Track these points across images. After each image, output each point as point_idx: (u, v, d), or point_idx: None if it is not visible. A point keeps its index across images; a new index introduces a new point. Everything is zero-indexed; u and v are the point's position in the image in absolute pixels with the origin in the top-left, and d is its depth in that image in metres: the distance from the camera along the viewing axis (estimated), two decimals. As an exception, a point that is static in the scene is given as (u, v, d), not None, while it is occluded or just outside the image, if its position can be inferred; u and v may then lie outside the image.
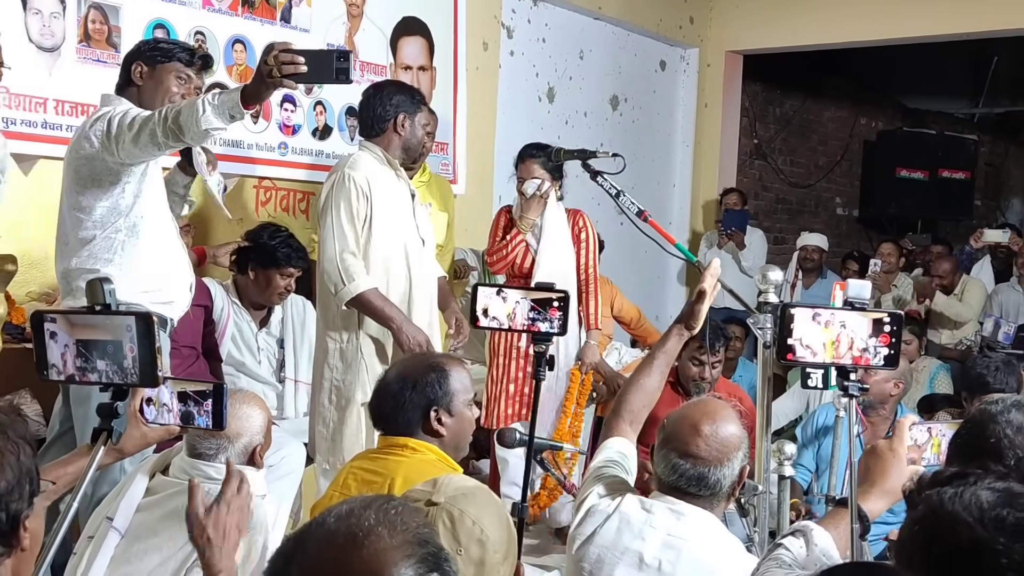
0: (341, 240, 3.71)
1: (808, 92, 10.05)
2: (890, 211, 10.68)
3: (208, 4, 4.60)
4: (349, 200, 3.71)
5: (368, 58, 5.40)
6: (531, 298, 2.77)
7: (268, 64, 2.78)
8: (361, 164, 3.79)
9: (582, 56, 7.21)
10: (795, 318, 1.94)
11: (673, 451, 2.26)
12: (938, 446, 2.19)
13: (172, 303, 3.34)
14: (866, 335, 1.93)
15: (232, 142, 4.77)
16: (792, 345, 1.94)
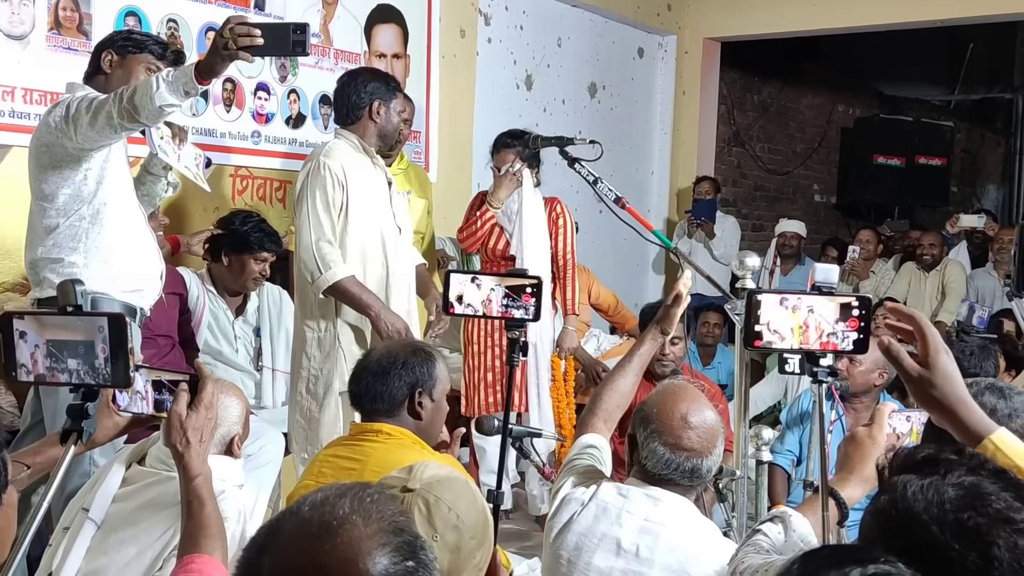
0: (317, 228, 3.69)
1: (786, 79, 10.07)
2: (867, 198, 10.73)
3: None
4: (325, 188, 3.70)
5: (342, 46, 5.37)
6: (505, 284, 2.76)
7: (224, 36, 2.76)
8: (336, 152, 3.78)
9: (560, 43, 7.19)
10: (762, 304, 1.93)
11: (665, 445, 2.26)
12: (917, 435, 2.19)
13: (141, 291, 3.32)
14: (833, 319, 1.91)
15: (205, 130, 4.74)
16: (759, 331, 1.93)
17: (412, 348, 2.65)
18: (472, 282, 2.78)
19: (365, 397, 2.60)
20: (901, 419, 2.21)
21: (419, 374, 2.60)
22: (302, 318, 3.86)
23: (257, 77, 4.94)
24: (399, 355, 2.61)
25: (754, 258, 3.17)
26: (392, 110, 3.91)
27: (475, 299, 2.78)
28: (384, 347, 2.70)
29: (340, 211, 3.73)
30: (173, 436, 2.03)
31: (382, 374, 2.58)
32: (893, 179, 10.53)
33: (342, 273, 3.68)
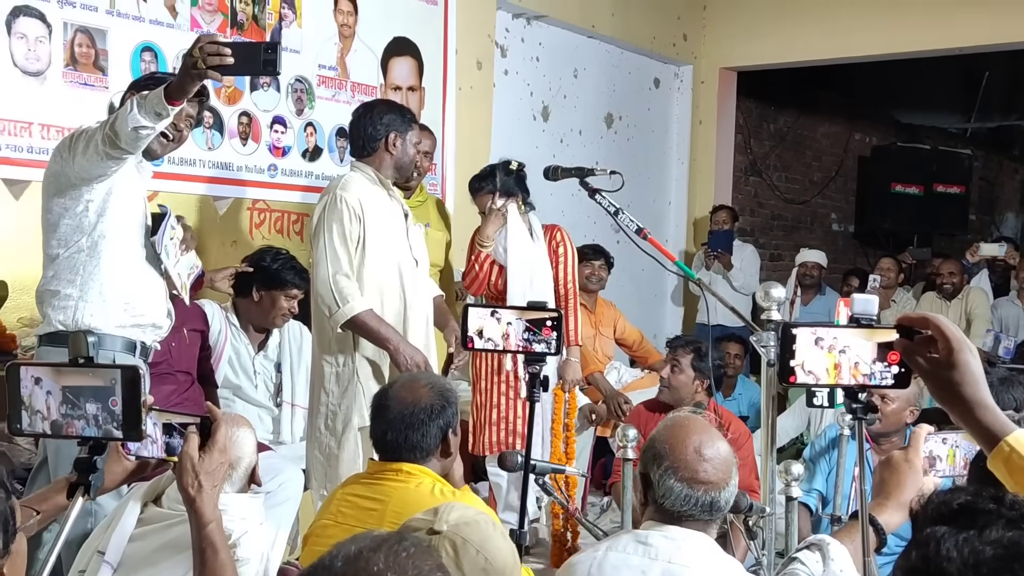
0: (334, 262, 3.67)
1: (802, 108, 10.05)
2: (886, 226, 10.68)
3: (196, 26, 4.56)
4: (341, 222, 3.68)
5: (359, 79, 5.36)
6: (526, 318, 2.73)
7: (193, 56, 2.72)
8: (353, 185, 3.76)
9: (576, 74, 7.18)
10: (797, 339, 1.85)
11: (681, 481, 2.19)
12: (952, 456, 2.13)
13: (141, 327, 3.26)
14: (871, 359, 1.83)
15: (222, 164, 4.73)
16: (794, 368, 1.86)
17: (436, 391, 2.61)
18: (492, 316, 2.74)
19: (403, 448, 2.56)
20: (937, 442, 2.15)
21: (448, 416, 2.58)
22: (320, 352, 3.82)
23: (274, 110, 4.93)
24: (428, 402, 2.57)
25: (779, 289, 3.11)
26: (408, 141, 3.89)
27: (495, 333, 2.74)
28: (401, 393, 2.63)
29: (357, 244, 3.71)
30: (185, 480, 1.99)
31: (417, 425, 2.55)
32: (911, 207, 10.48)
33: (360, 307, 3.64)
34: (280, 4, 4.92)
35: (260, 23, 4.83)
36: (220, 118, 4.71)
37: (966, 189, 10.88)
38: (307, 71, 5.09)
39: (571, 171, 3.96)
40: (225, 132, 4.74)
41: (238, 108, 4.79)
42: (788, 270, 8.15)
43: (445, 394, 2.61)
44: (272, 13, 4.89)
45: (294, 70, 5.01)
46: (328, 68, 5.19)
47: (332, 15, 5.23)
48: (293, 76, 5.02)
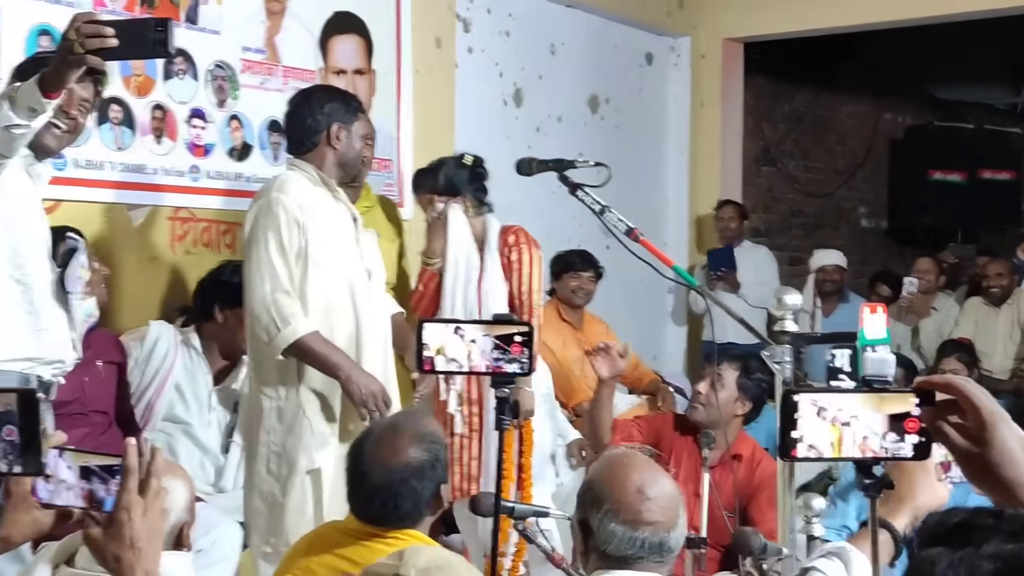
0: (272, 278, 3.70)
1: (822, 84, 10.15)
2: (924, 221, 10.76)
3: (100, 4, 4.60)
4: (279, 230, 3.72)
5: (293, 63, 5.41)
6: (493, 334, 2.77)
7: (70, 39, 2.70)
8: (290, 186, 3.80)
9: (554, 51, 7.25)
10: (799, 407, 1.88)
11: (624, 524, 2.31)
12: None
13: (38, 362, 3.27)
14: (881, 432, 1.87)
15: (134, 166, 4.76)
16: (796, 441, 1.90)
17: (423, 443, 2.65)
18: (455, 332, 2.79)
19: (391, 517, 2.61)
20: None
21: (440, 471, 2.63)
22: (258, 385, 3.85)
23: (191, 102, 4.98)
24: (416, 461, 2.62)
25: (795, 295, 3.18)
26: (354, 134, 3.94)
27: (458, 352, 2.79)
28: (385, 449, 2.66)
29: (298, 256, 3.74)
30: (120, 537, 1.98)
31: (407, 493, 2.61)
32: (953, 198, 10.58)
33: (304, 329, 3.68)
34: (196, -24, 4.97)
35: (173, 0, 4.88)
36: (130, 112, 4.75)
37: (1017, 175, 10.97)
38: (229, 55, 5.14)
39: (548, 164, 4.01)
40: (137, 128, 4.77)
41: (150, 100, 4.83)
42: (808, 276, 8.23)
43: (433, 445, 2.66)
44: (187, -13, 4.94)
45: (213, 54, 5.07)
46: (254, 51, 5.25)
47: (258, -12, 5.27)
48: (212, 61, 5.07)
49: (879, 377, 1.93)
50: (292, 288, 3.73)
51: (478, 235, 4.61)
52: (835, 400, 1.89)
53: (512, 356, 2.79)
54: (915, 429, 1.86)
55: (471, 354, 2.79)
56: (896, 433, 1.87)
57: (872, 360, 1.97)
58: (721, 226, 7.88)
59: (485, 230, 4.62)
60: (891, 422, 1.87)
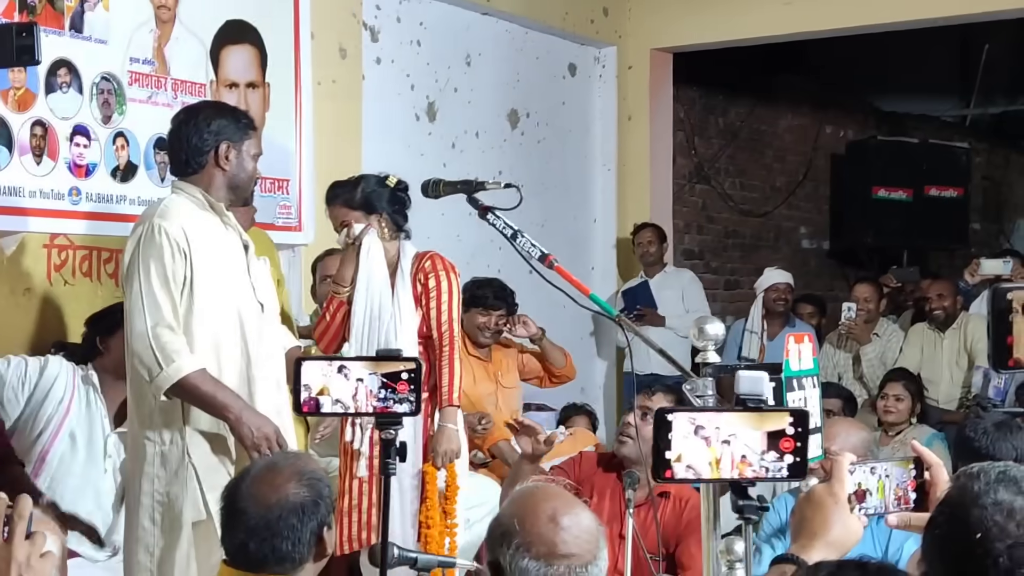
0: (153, 311, 3.66)
1: (758, 97, 10.27)
2: (867, 241, 10.92)
3: (-31, 9, 4.55)
4: (161, 259, 3.69)
5: (182, 75, 5.37)
6: (380, 372, 2.77)
7: None
8: (174, 211, 3.77)
9: (469, 62, 7.28)
10: (674, 427, 1.98)
11: (537, 558, 2.29)
12: (883, 489, 2.27)
13: None
14: (760, 450, 1.98)
15: (9, 189, 4.68)
16: (670, 461, 2.01)
17: (304, 481, 2.64)
18: (339, 372, 2.78)
19: (269, 561, 2.59)
20: (865, 472, 2.27)
21: (322, 513, 2.61)
22: (140, 427, 3.81)
23: (73, 118, 4.91)
24: (296, 500, 2.61)
25: (716, 325, 3.19)
26: (245, 153, 3.92)
27: (344, 392, 2.78)
28: (263, 486, 2.65)
29: (183, 287, 3.71)
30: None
31: (286, 532, 2.59)
32: (898, 216, 10.74)
33: (189, 367, 3.64)
34: (81, -19, 4.93)
35: (57, 6, 4.82)
36: (8, 128, 4.67)
37: (965, 192, 11.17)
38: (115, 67, 5.09)
39: (456, 185, 4.01)
40: (14, 147, 4.70)
41: (30, 116, 4.76)
42: (748, 299, 8.31)
43: (315, 484, 2.65)
44: (72, -8, 4.90)
45: (100, 66, 5.01)
46: (143, 62, 5.20)
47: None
48: (98, 74, 5.01)
49: (753, 396, 2.03)
50: (176, 322, 3.70)
51: (391, 261, 4.59)
52: (713, 419, 2.00)
53: (400, 395, 2.79)
54: (790, 449, 1.99)
55: (357, 394, 2.78)
56: (775, 452, 2.00)
57: (745, 379, 2.06)
58: (640, 251, 7.96)
59: (399, 255, 4.60)
60: (769, 440, 1.98)
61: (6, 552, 1.90)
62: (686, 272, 8.20)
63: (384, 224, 4.56)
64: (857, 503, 2.23)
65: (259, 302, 3.90)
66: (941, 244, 11.27)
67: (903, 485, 2.28)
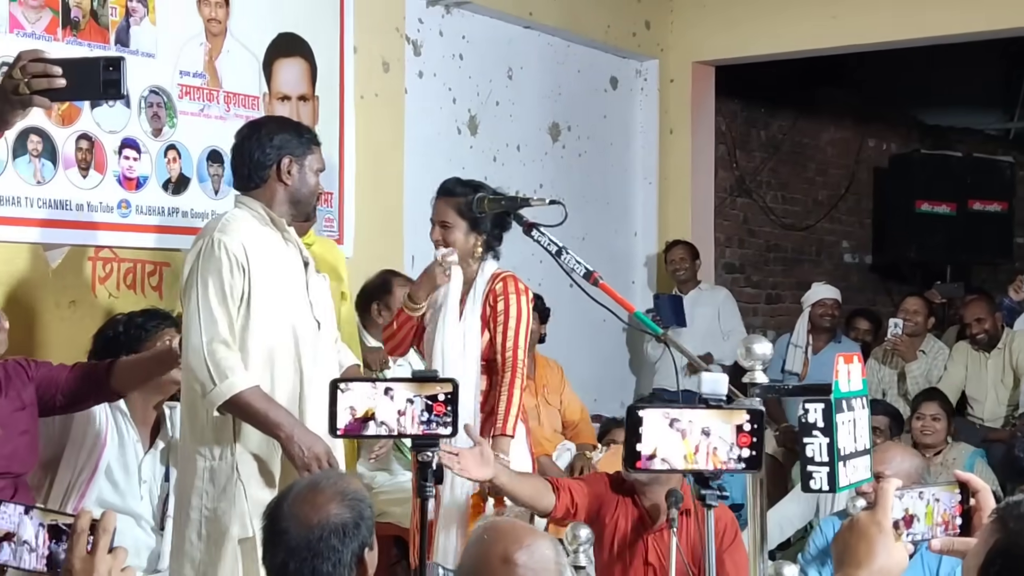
0: (210, 326, 3.69)
1: (800, 110, 10.26)
2: (910, 256, 10.87)
3: (17, 27, 4.58)
4: (220, 273, 3.71)
5: (234, 87, 5.41)
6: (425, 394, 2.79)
7: (14, 78, 2.71)
8: (235, 226, 3.79)
9: (511, 75, 7.30)
10: (644, 422, 2.18)
11: None
12: (930, 515, 2.27)
13: None
14: (732, 440, 2.21)
15: (56, 203, 4.73)
16: (640, 452, 2.18)
17: (345, 502, 2.66)
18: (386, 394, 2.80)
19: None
20: (913, 497, 2.27)
21: (363, 534, 2.62)
22: (191, 442, 3.84)
23: (122, 131, 4.96)
24: (337, 520, 2.62)
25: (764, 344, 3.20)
26: (308, 168, 3.94)
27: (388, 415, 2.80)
28: (305, 506, 2.67)
29: (241, 302, 3.74)
30: None
31: (327, 553, 2.60)
32: (942, 231, 10.69)
33: (242, 383, 3.66)
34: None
35: (101, 21, 4.87)
36: (52, 143, 4.72)
37: (1009, 206, 11.10)
38: (165, 80, 5.13)
39: (500, 202, 4.05)
40: (59, 161, 4.75)
41: (75, 130, 4.81)
42: (790, 314, 8.30)
43: (357, 505, 2.65)
44: (116, 8, 4.93)
45: (148, 79, 5.05)
46: (193, 75, 5.25)
47: (196, 8, 5.29)
48: (147, 87, 5.05)
49: (714, 396, 2.26)
50: (232, 338, 3.72)
51: (469, 278, 4.51)
52: (687, 413, 2.21)
53: (439, 417, 2.81)
54: (747, 443, 2.22)
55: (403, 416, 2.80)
56: (736, 440, 2.24)
57: (707, 380, 2.31)
58: (672, 268, 7.96)
59: (477, 274, 4.50)
60: (738, 432, 2.22)
61: (89, 565, 1.97)
62: (721, 290, 8.21)
63: (479, 245, 4.47)
64: (905, 529, 2.24)
65: (316, 320, 3.92)
66: (985, 259, 11.21)
67: (950, 510, 2.29)
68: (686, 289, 7.92)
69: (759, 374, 3.21)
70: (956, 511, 2.19)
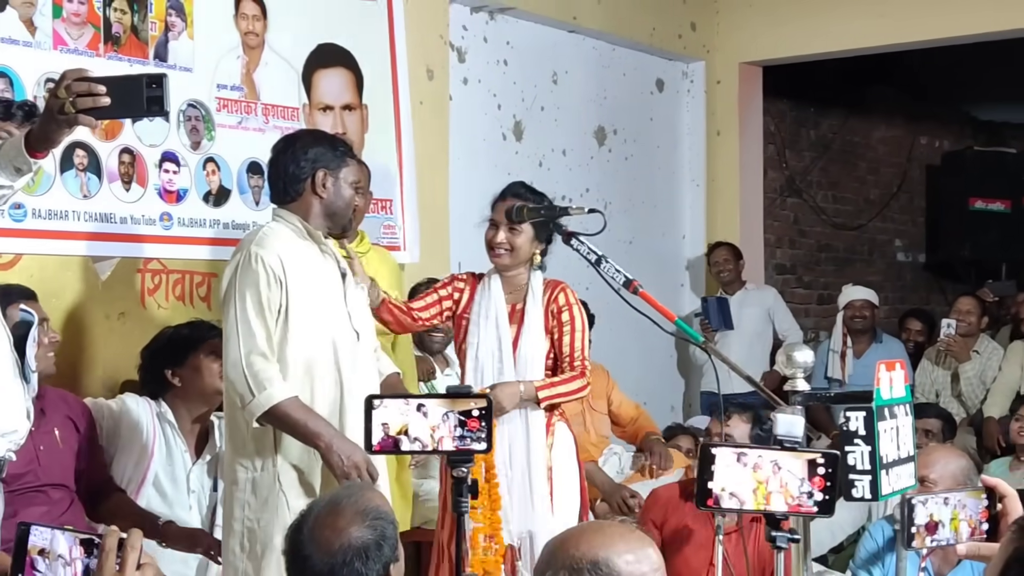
0: (247, 339, 3.72)
1: (851, 108, 10.19)
2: (964, 254, 10.76)
3: (61, 43, 4.63)
4: (257, 286, 3.74)
5: (273, 99, 5.44)
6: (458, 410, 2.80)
7: (59, 97, 2.78)
8: (272, 239, 3.82)
9: (556, 80, 7.29)
10: (716, 460, 2.20)
11: None
12: (956, 520, 2.30)
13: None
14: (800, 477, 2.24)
15: (101, 215, 4.78)
16: (712, 491, 2.22)
17: (367, 521, 2.65)
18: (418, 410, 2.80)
19: None
20: (937, 503, 2.36)
21: (386, 553, 2.62)
22: (233, 454, 3.86)
23: (162, 145, 5.00)
24: (359, 542, 2.61)
25: (805, 352, 3.18)
26: (342, 180, 3.95)
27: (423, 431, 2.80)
28: (326, 530, 2.66)
29: (278, 315, 3.76)
30: None
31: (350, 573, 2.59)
32: (996, 228, 10.57)
33: (280, 394, 3.68)
34: (166, 11, 5.00)
35: (141, 36, 4.92)
36: (96, 157, 4.77)
37: (1065, 202, 10.98)
38: (203, 94, 5.17)
39: (539, 211, 4.05)
40: (103, 175, 4.80)
41: (117, 144, 4.85)
42: (839, 315, 8.22)
43: (378, 524, 2.63)
44: (156, 23, 4.98)
45: (186, 93, 5.09)
46: (231, 88, 5.28)
47: (233, 21, 5.32)
48: (185, 101, 5.09)
49: (790, 438, 2.26)
50: (270, 350, 3.74)
51: (519, 286, 4.52)
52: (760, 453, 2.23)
53: (473, 432, 2.81)
54: (821, 487, 2.24)
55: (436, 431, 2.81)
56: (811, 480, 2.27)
57: (782, 421, 2.32)
58: (716, 270, 7.95)
59: (528, 283, 4.51)
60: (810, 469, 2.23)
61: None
62: (769, 290, 8.19)
63: (538, 253, 4.49)
64: (928, 535, 2.25)
65: (355, 330, 3.93)
66: (1041, 256, 11.07)
67: (975, 516, 2.30)
68: (732, 290, 7.89)
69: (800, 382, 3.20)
70: (982, 516, 2.23)
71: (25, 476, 3.78)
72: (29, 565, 2.07)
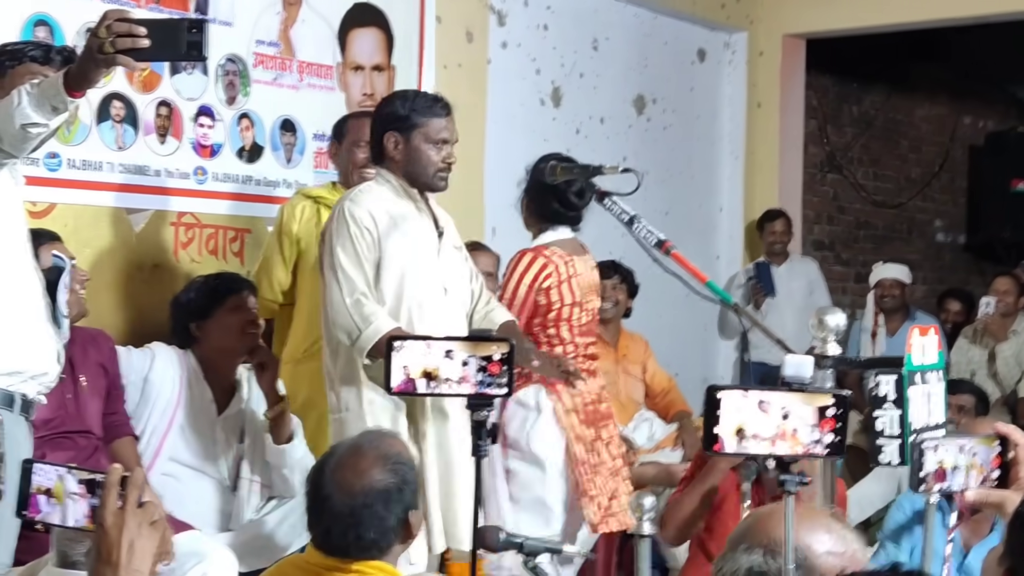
0: (348, 283, 3.89)
1: (894, 85, 10.10)
2: (1005, 236, 10.65)
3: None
4: (350, 238, 3.93)
5: (309, 57, 5.45)
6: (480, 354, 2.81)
7: (100, 37, 2.80)
8: (366, 197, 4.01)
9: (596, 47, 7.24)
10: (722, 403, 2.13)
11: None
12: (967, 467, 2.37)
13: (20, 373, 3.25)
14: (810, 423, 2.13)
15: (136, 167, 4.80)
16: (718, 435, 2.15)
17: (388, 465, 2.65)
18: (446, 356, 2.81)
19: (353, 547, 2.62)
20: (951, 450, 2.41)
21: (407, 497, 2.62)
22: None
23: (199, 99, 5.01)
24: (381, 485, 2.61)
25: (838, 315, 3.15)
26: (416, 141, 4.01)
27: (452, 372, 2.81)
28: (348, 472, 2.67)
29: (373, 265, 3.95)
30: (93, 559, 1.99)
31: (372, 520, 2.61)
32: (1038, 210, 10.47)
33: (387, 326, 3.80)
34: (207, -37, 5.01)
35: (182, -12, 4.92)
36: (133, 109, 4.79)
37: (1108, 185, 10.86)
38: (241, 48, 5.18)
39: (573, 170, 4.02)
40: (140, 127, 4.81)
41: (156, 96, 4.87)
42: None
43: (399, 468, 2.65)
44: (198, -25, 4.98)
45: (224, 48, 5.09)
46: (268, 44, 5.29)
47: (273, -23, 5.31)
48: (224, 55, 5.10)
49: (797, 380, 2.18)
50: (369, 291, 3.92)
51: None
52: (768, 395, 2.16)
53: (493, 377, 2.82)
54: (830, 428, 2.14)
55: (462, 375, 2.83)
56: (818, 424, 2.17)
57: (791, 363, 2.23)
58: (771, 239, 7.89)
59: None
60: (819, 414, 2.14)
61: (120, 519, 1.99)
62: (812, 262, 8.17)
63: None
64: (936, 483, 2.24)
65: (444, 286, 4.06)
66: (1084, 240, 10.96)
67: (987, 464, 2.30)
68: (779, 261, 7.87)
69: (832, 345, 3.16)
70: (994, 464, 2.25)
71: (52, 421, 3.81)
72: (33, 505, 2.08)
